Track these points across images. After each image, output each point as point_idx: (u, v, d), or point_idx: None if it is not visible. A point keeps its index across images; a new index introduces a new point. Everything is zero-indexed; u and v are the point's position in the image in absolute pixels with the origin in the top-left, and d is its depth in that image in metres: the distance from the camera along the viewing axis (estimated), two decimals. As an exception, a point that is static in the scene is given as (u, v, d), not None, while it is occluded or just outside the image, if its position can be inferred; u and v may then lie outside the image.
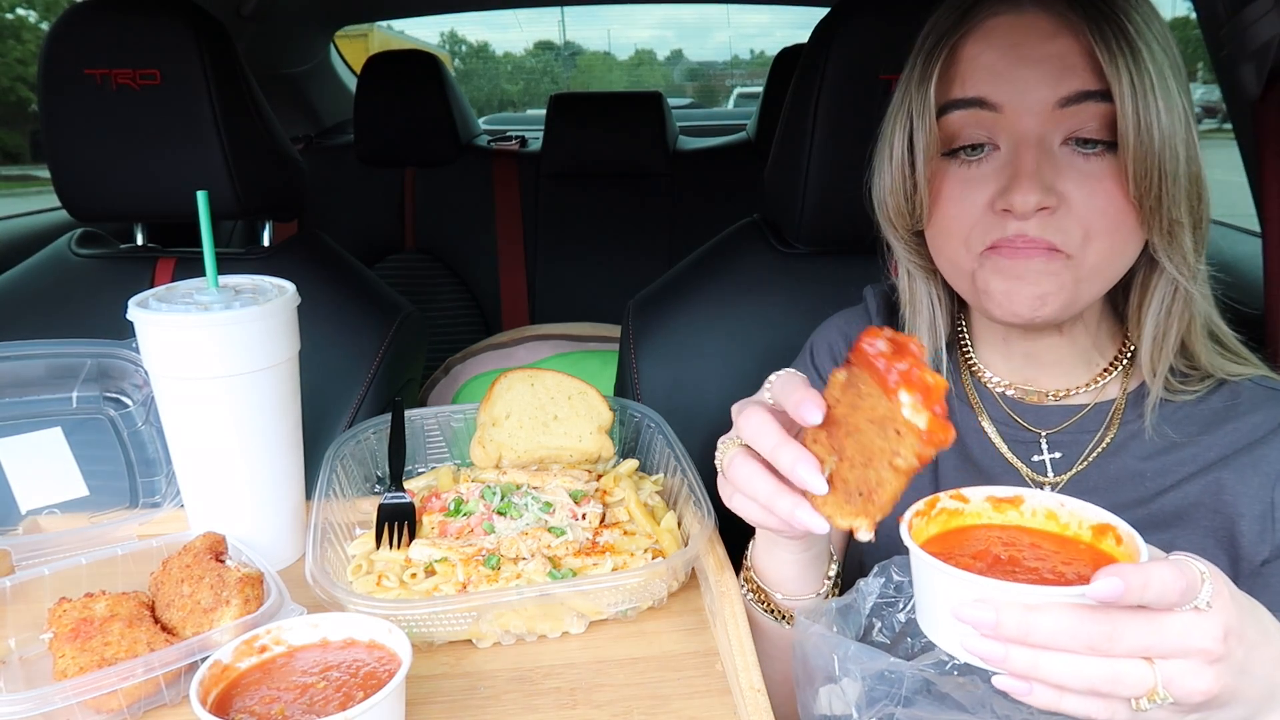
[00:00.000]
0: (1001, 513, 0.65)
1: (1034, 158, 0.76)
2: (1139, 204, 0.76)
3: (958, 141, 0.81)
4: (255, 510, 0.90)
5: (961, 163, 0.81)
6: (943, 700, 0.64)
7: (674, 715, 0.71)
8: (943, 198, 0.83)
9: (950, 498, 0.65)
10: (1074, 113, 0.76)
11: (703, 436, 1.22)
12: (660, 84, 15.44)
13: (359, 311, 1.46)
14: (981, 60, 0.79)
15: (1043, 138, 0.77)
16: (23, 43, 4.12)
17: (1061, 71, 0.76)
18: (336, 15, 3.08)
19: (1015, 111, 0.78)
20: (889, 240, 0.91)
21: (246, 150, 1.39)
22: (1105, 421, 0.87)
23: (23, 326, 1.39)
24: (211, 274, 0.87)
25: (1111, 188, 0.76)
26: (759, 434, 0.67)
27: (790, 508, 0.65)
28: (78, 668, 0.68)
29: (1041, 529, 0.64)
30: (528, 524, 0.88)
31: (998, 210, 0.78)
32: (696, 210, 2.73)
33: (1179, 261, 0.79)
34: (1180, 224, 0.77)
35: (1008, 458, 0.89)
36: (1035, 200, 0.75)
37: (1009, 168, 0.78)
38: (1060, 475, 0.87)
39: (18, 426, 0.99)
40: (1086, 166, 0.77)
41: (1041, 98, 0.76)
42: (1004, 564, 0.59)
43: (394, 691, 0.60)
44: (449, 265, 2.73)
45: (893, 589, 0.76)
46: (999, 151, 0.79)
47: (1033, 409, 0.90)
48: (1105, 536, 0.60)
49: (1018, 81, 0.77)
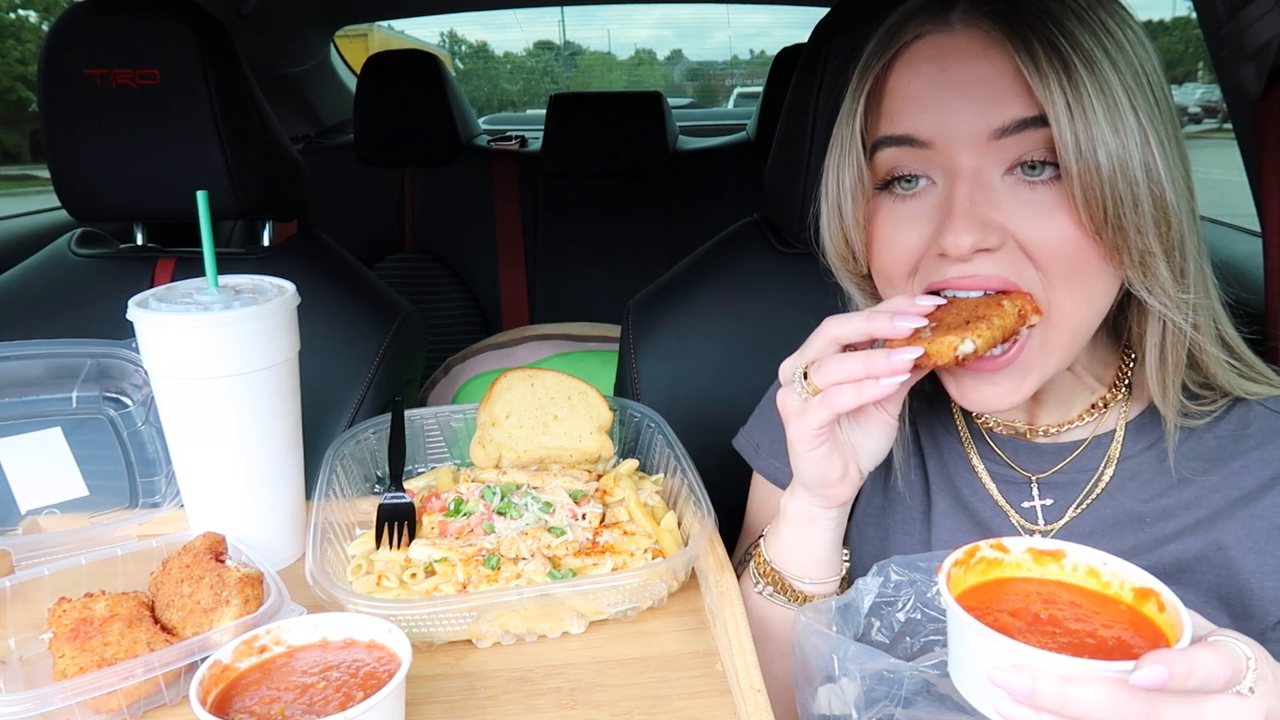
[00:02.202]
0: (1042, 565, 0.64)
1: (968, 193, 0.70)
2: (1098, 237, 0.68)
3: (892, 174, 0.75)
4: (255, 510, 0.90)
5: (895, 198, 0.76)
6: (942, 701, 0.64)
7: (674, 715, 0.71)
8: (879, 239, 0.77)
9: (990, 547, 0.64)
10: (1012, 142, 0.69)
11: (703, 436, 1.22)
12: (660, 84, 15.44)
13: (359, 311, 1.46)
14: (908, 91, 0.73)
15: (979, 170, 0.70)
16: (23, 43, 4.11)
17: (993, 98, 0.69)
18: (336, 15, 3.08)
19: (946, 146, 0.71)
20: (843, 286, 0.87)
21: (246, 150, 1.39)
22: (1104, 458, 0.82)
23: (23, 326, 1.39)
24: (211, 274, 0.87)
25: (1063, 220, 0.69)
26: (844, 326, 0.71)
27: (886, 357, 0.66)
28: (77, 668, 0.68)
29: (1082, 586, 0.62)
30: (528, 524, 0.88)
31: (935, 255, 0.72)
32: (696, 210, 2.73)
33: (1160, 295, 0.71)
34: (1152, 254, 0.69)
35: (999, 502, 0.85)
36: (970, 241, 0.68)
37: (943, 206, 0.71)
38: (1051, 524, 0.83)
39: (18, 426, 0.99)
40: (1033, 197, 0.70)
41: (974, 129, 0.69)
42: (1044, 624, 0.58)
43: (394, 691, 0.60)
44: (449, 265, 2.73)
45: (891, 588, 0.76)
46: (934, 186, 0.73)
47: (1027, 447, 0.85)
48: (1148, 601, 0.59)
49: (946, 113, 0.70)
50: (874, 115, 0.76)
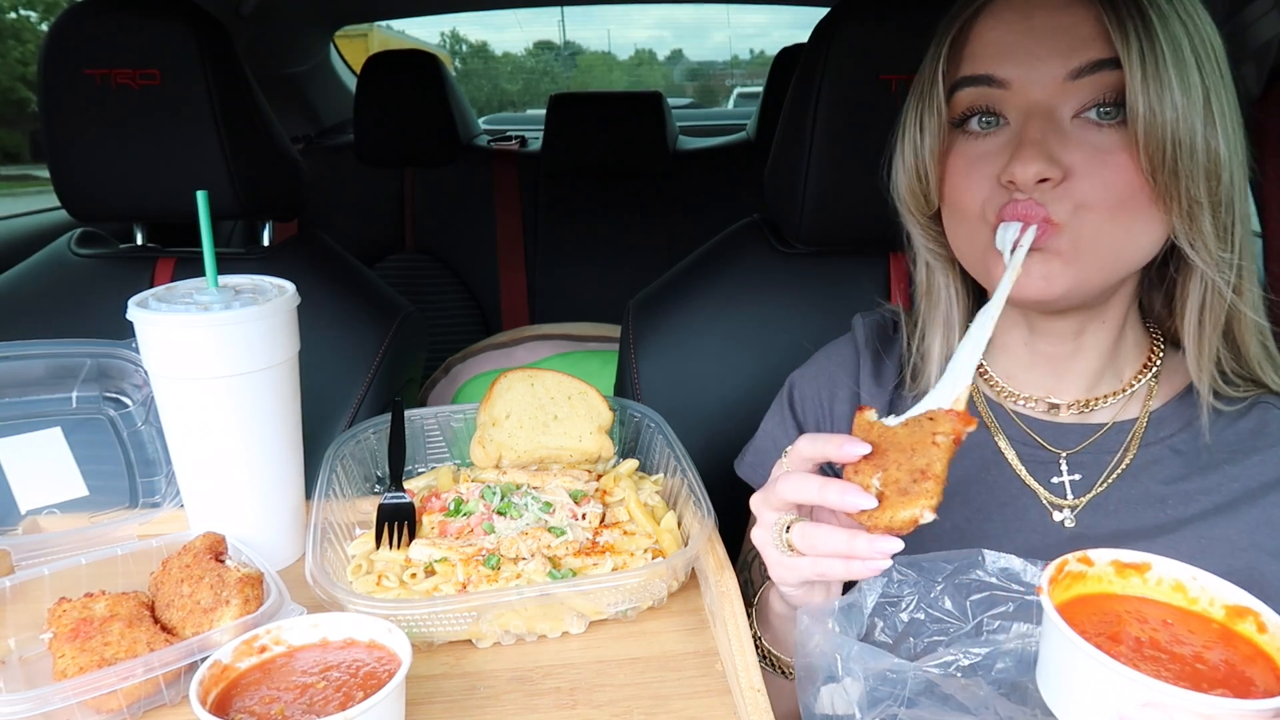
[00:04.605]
0: (1124, 578, 0.63)
1: (1039, 128, 0.75)
2: (1152, 179, 0.74)
3: (969, 112, 0.80)
4: (255, 510, 0.90)
5: (970, 135, 0.81)
6: (946, 701, 0.64)
7: (674, 715, 0.71)
8: (952, 173, 0.82)
9: (1078, 560, 0.63)
10: (1086, 84, 0.75)
11: (703, 436, 1.22)
12: (660, 84, 15.43)
13: (359, 311, 1.46)
14: (992, 36, 0.79)
15: (1052, 110, 0.76)
16: (23, 43, 4.11)
17: (1072, 43, 0.75)
18: (336, 15, 3.08)
19: (1023, 86, 0.77)
20: (907, 228, 0.91)
21: (246, 150, 1.39)
22: (1125, 443, 0.85)
23: (22, 326, 1.38)
24: (211, 274, 0.87)
25: (1122, 159, 0.74)
26: (801, 489, 0.69)
27: (870, 543, 0.66)
28: (77, 668, 0.68)
29: (1167, 601, 0.61)
30: (528, 524, 0.88)
31: (1003, 182, 0.77)
32: (696, 210, 2.73)
33: (1201, 249, 0.76)
34: (1199, 204, 0.74)
35: (1025, 480, 0.87)
36: (1035, 170, 0.74)
37: (1015, 140, 0.77)
38: (1080, 497, 0.85)
39: (18, 426, 0.99)
40: (1099, 138, 0.75)
41: (1050, 70, 0.75)
42: (1145, 646, 0.57)
43: (394, 691, 0.60)
44: (449, 265, 2.73)
45: (895, 588, 0.76)
46: (1008, 125, 0.79)
47: (1051, 427, 0.88)
48: (1243, 619, 0.58)
49: (1027, 56, 0.76)
50: (955, 59, 0.81)
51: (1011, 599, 0.74)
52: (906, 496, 0.65)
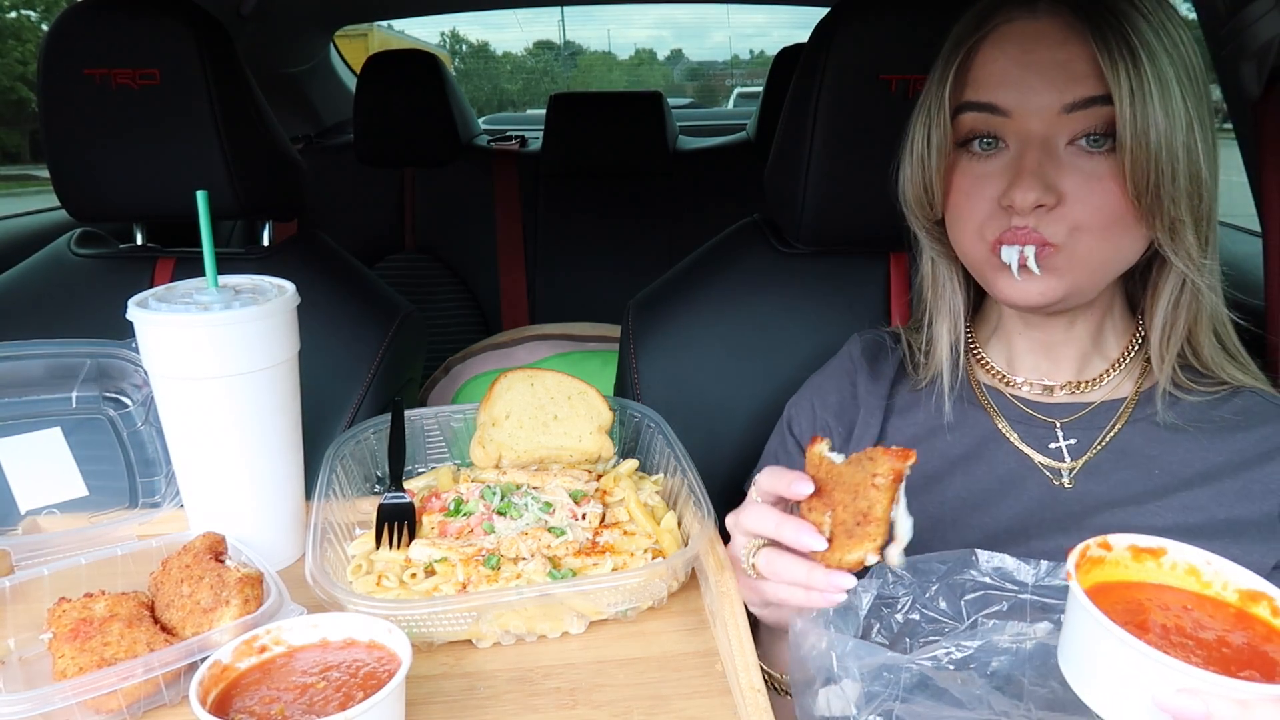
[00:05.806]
0: (1140, 563, 0.63)
1: (1037, 158, 0.82)
2: (1137, 201, 0.80)
3: (972, 135, 0.87)
4: (255, 510, 0.90)
5: (973, 156, 0.87)
6: (941, 695, 0.64)
7: (674, 715, 0.71)
8: (956, 190, 0.89)
9: (1098, 545, 0.64)
10: (1080, 117, 0.81)
11: (703, 436, 1.22)
12: (660, 84, 15.44)
13: (359, 311, 1.46)
14: (994, 66, 0.85)
15: (1048, 139, 0.82)
16: (23, 43, 4.11)
17: (1069, 79, 0.81)
18: (336, 15, 3.07)
19: (1022, 116, 0.83)
20: (914, 229, 0.98)
21: (246, 150, 1.39)
22: (1116, 415, 0.92)
23: (22, 326, 1.38)
24: (211, 274, 0.87)
25: (1110, 185, 0.81)
26: (760, 523, 0.74)
27: (826, 577, 0.69)
28: (77, 668, 0.68)
29: (1182, 586, 0.62)
30: (528, 524, 0.88)
31: (1003, 206, 0.84)
32: (696, 210, 2.73)
33: (1184, 256, 0.84)
34: (1182, 221, 0.81)
35: (1024, 450, 0.93)
36: (1034, 197, 0.80)
37: (1014, 166, 0.83)
38: (1076, 460, 0.91)
39: (17, 426, 0.99)
40: (1090, 165, 0.82)
41: (1048, 103, 0.81)
42: (1171, 633, 0.58)
43: (394, 691, 0.60)
44: (449, 265, 2.73)
45: (890, 589, 0.76)
46: (1008, 150, 0.85)
47: (1046, 406, 0.95)
48: (1257, 603, 0.59)
49: (1025, 88, 0.82)
50: (960, 83, 0.87)
51: (1005, 598, 0.75)
52: (852, 540, 0.68)
